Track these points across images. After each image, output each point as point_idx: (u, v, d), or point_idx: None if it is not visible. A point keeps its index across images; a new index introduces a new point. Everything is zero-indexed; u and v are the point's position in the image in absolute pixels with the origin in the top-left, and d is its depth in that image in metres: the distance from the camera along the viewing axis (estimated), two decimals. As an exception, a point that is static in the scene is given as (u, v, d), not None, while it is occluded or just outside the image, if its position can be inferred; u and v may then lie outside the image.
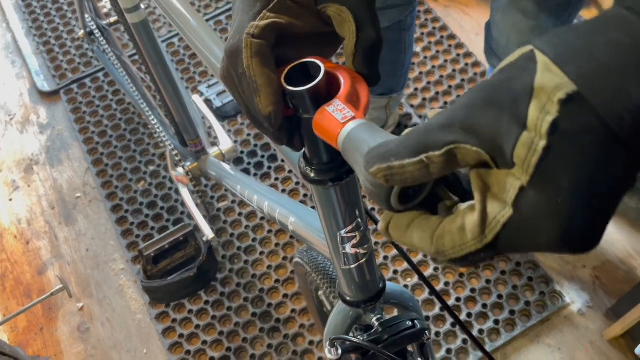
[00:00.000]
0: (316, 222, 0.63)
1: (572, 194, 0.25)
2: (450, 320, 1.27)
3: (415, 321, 0.58)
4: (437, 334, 1.26)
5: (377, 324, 0.58)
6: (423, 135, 0.29)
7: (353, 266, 0.53)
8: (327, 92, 0.40)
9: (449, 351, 1.24)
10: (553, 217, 0.26)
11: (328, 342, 0.54)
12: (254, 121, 0.42)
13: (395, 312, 0.65)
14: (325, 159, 0.45)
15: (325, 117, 0.38)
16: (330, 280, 0.72)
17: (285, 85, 0.40)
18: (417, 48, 1.70)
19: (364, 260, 0.53)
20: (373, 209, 1.42)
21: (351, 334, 0.61)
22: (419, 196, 0.33)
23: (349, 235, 0.51)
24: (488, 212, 0.28)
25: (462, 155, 0.28)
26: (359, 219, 0.50)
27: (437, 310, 1.28)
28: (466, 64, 1.65)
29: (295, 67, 0.41)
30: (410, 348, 0.60)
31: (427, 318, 1.28)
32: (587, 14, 1.71)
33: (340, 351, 0.55)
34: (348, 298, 0.57)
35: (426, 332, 0.58)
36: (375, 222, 0.56)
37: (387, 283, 0.60)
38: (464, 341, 1.25)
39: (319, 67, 0.40)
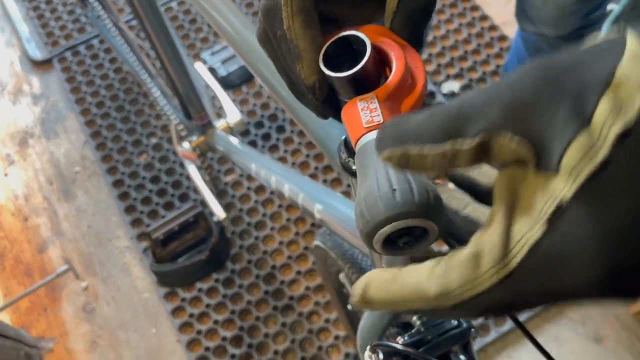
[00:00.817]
0: (348, 211, 0.56)
1: (634, 217, 0.19)
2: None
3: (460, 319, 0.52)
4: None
5: (418, 322, 0.53)
6: (454, 116, 0.22)
7: (396, 264, 0.47)
8: (376, 72, 0.33)
9: (468, 328, 1.20)
10: (600, 243, 0.19)
11: (369, 348, 0.49)
12: (295, 92, 0.35)
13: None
14: (371, 148, 0.38)
15: (352, 113, 0.31)
16: (360, 269, 0.66)
17: (322, 66, 0.33)
18: (431, 9, 1.60)
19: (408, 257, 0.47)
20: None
21: (388, 334, 0.56)
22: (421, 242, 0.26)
23: (394, 232, 0.44)
24: (513, 230, 0.21)
25: (499, 146, 0.21)
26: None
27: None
28: (482, 28, 1.56)
29: (336, 41, 0.34)
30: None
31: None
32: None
33: (382, 357, 0.49)
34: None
35: (472, 329, 0.53)
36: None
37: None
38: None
39: (364, 44, 0.33)
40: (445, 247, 0.31)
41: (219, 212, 0.99)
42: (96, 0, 1.27)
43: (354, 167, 0.39)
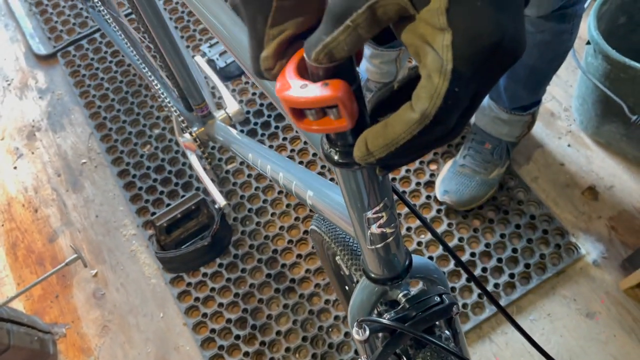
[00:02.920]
0: (337, 197, 0.60)
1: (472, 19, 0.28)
2: (465, 275, 1.27)
3: (444, 296, 0.56)
4: (452, 289, 1.26)
5: (404, 300, 0.57)
6: (344, 4, 0.30)
7: (379, 245, 0.51)
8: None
9: (464, 306, 1.24)
10: (481, 20, 0.28)
11: (355, 324, 0.53)
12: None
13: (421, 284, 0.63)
14: (350, 140, 0.42)
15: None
16: (351, 252, 0.70)
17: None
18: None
19: (391, 238, 0.51)
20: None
21: (376, 311, 0.60)
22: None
23: (376, 215, 0.48)
24: (436, 48, 0.29)
25: (384, 9, 0.29)
26: (386, 198, 0.48)
27: (451, 266, 1.28)
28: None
29: None
30: (438, 322, 0.59)
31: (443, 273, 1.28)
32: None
33: (368, 332, 0.54)
34: (373, 275, 0.55)
35: (454, 306, 0.57)
36: (405, 202, 0.53)
37: (413, 256, 0.58)
38: (480, 295, 1.25)
39: None
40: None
41: (219, 200, 1.03)
42: (96, -4, 1.30)
43: (336, 158, 0.43)
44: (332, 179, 1.36)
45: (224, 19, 0.60)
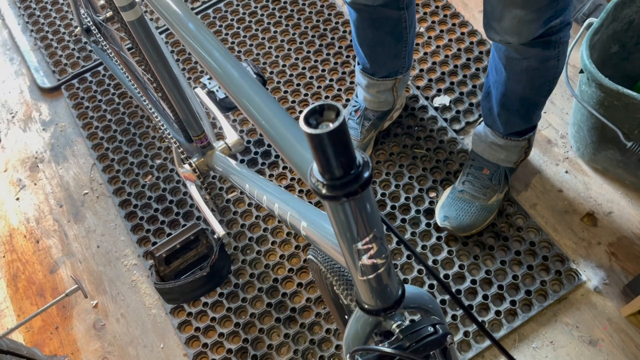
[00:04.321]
0: (329, 227, 0.61)
1: None
2: (466, 302, 1.26)
3: (437, 326, 0.57)
4: (454, 317, 1.25)
5: (397, 330, 0.57)
6: None
7: (371, 276, 0.52)
8: None
9: (466, 334, 1.23)
10: None
11: (348, 356, 0.53)
12: None
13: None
14: (337, 174, 0.43)
15: None
16: (346, 282, 0.71)
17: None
18: (421, 28, 1.65)
19: (382, 269, 0.52)
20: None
21: (371, 342, 0.60)
22: None
23: (366, 247, 0.49)
24: None
25: None
26: (376, 229, 0.49)
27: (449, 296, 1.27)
28: (471, 43, 1.61)
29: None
30: (432, 352, 0.59)
31: (443, 302, 1.27)
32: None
33: (361, 362, 0.54)
34: (366, 306, 0.56)
35: (448, 336, 0.57)
36: (394, 232, 0.54)
37: (406, 286, 0.58)
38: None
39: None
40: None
41: (218, 230, 1.04)
42: (99, 31, 1.34)
43: (323, 191, 0.44)
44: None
45: (217, 57, 0.62)
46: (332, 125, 0.39)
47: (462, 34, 1.62)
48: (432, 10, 1.68)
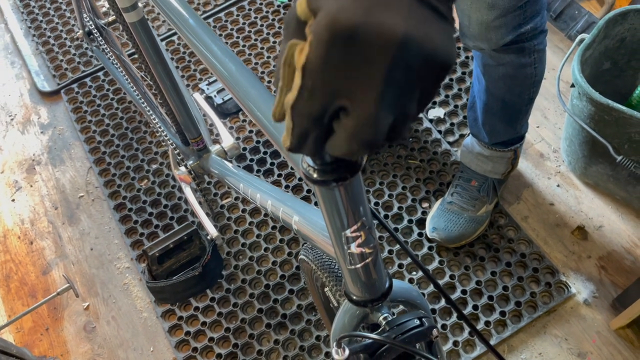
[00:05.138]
0: (320, 221, 0.62)
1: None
2: (456, 312, 1.27)
3: (423, 319, 0.58)
4: (444, 326, 1.26)
5: (384, 322, 0.58)
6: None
7: (359, 265, 0.53)
8: None
9: (455, 343, 1.23)
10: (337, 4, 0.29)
11: (335, 343, 0.54)
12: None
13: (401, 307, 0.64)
14: (327, 158, 0.44)
15: None
16: (336, 278, 0.71)
17: None
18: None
19: (369, 259, 0.53)
20: (376, 204, 1.41)
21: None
22: None
23: (354, 234, 0.50)
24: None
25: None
26: (364, 218, 0.50)
27: (443, 303, 1.28)
28: (466, 57, 1.64)
29: None
30: (418, 345, 0.60)
31: (434, 311, 1.28)
32: (588, 5, 1.69)
33: (347, 352, 0.54)
34: (354, 297, 0.57)
35: (434, 329, 0.58)
36: (381, 222, 0.55)
37: (394, 280, 0.60)
38: (470, 333, 1.25)
39: None
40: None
41: (212, 231, 1.04)
42: (100, 35, 1.36)
43: (315, 176, 0.45)
44: (316, 203, 1.38)
45: (223, 59, 0.64)
46: None
47: (458, 48, 1.65)
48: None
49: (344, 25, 0.28)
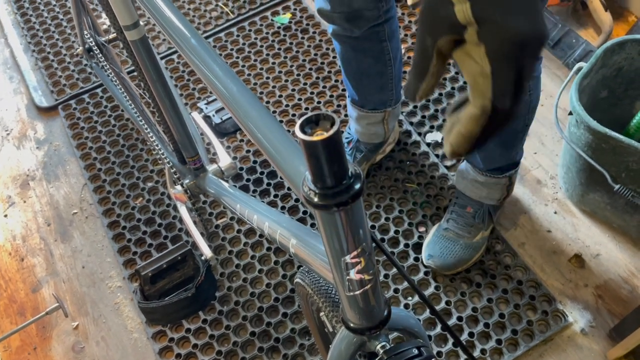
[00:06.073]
0: (318, 244, 0.61)
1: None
2: (452, 339, 1.25)
3: (422, 348, 0.56)
4: (439, 353, 1.24)
5: (382, 351, 0.57)
6: (419, 60, 0.44)
7: (358, 292, 0.52)
8: None
9: (450, 372, 1.22)
10: (502, 22, 0.38)
11: (332, 372, 0.53)
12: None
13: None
14: (329, 183, 0.43)
15: None
16: (332, 303, 0.70)
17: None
18: (417, 64, 1.69)
19: (369, 286, 0.52)
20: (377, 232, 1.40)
21: (355, 362, 0.59)
22: None
23: (354, 260, 0.49)
24: (474, 57, 0.40)
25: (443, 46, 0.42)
26: (364, 244, 0.49)
27: (439, 329, 1.27)
28: (464, 82, 1.64)
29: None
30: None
31: (429, 337, 1.26)
32: (585, 34, 1.71)
33: (344, 380, 0.53)
34: (352, 325, 0.56)
35: (433, 359, 0.57)
36: (381, 248, 0.54)
37: (392, 307, 0.58)
38: (466, 361, 1.23)
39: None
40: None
41: (206, 251, 1.03)
42: (101, 52, 1.36)
43: (315, 200, 0.45)
44: (312, 225, 1.37)
45: (224, 79, 0.63)
46: (326, 134, 0.40)
47: (456, 73, 1.66)
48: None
49: (518, 35, 0.37)
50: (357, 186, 0.44)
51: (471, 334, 1.26)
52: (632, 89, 1.35)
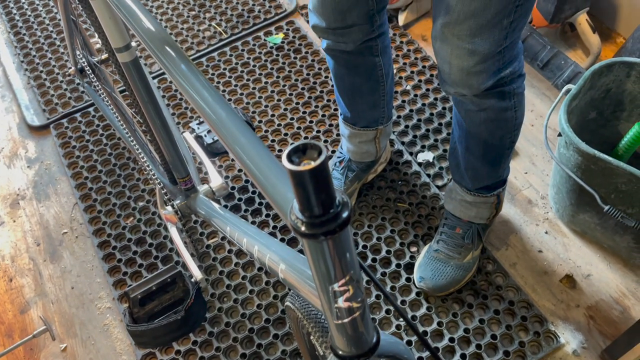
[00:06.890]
0: (307, 270, 0.61)
1: None
2: (443, 361, 1.25)
3: (411, 376, 0.56)
4: (431, 376, 1.23)
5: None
6: None
7: (346, 320, 0.51)
8: None
9: (442, 394, 1.21)
10: None
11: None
12: None
13: None
14: (316, 212, 0.43)
15: None
16: (322, 329, 0.70)
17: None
18: (407, 86, 1.71)
19: (357, 313, 0.52)
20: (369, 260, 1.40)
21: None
22: None
23: (342, 288, 0.49)
24: None
25: None
26: (352, 271, 0.49)
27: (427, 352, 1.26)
28: (443, 108, 1.66)
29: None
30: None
31: (420, 359, 1.25)
32: (574, 55, 1.73)
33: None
34: (340, 352, 0.55)
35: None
36: (370, 276, 0.54)
37: (381, 334, 0.58)
38: (458, 383, 1.22)
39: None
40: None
41: (196, 273, 1.02)
42: (93, 72, 1.36)
43: (302, 229, 0.45)
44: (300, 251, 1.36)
45: (210, 101, 0.63)
46: (313, 163, 0.40)
47: (435, 99, 1.68)
48: (419, 69, 1.74)
49: None
50: (345, 214, 0.44)
51: (463, 356, 1.25)
52: (619, 110, 1.37)
